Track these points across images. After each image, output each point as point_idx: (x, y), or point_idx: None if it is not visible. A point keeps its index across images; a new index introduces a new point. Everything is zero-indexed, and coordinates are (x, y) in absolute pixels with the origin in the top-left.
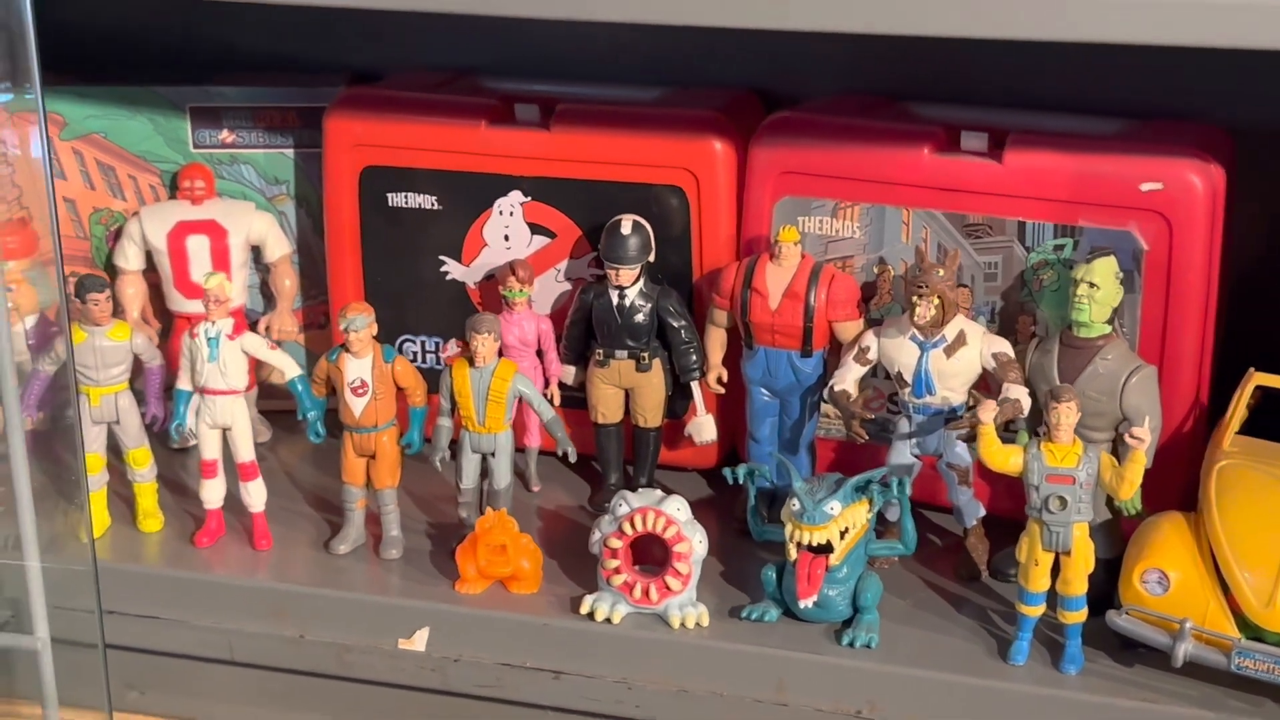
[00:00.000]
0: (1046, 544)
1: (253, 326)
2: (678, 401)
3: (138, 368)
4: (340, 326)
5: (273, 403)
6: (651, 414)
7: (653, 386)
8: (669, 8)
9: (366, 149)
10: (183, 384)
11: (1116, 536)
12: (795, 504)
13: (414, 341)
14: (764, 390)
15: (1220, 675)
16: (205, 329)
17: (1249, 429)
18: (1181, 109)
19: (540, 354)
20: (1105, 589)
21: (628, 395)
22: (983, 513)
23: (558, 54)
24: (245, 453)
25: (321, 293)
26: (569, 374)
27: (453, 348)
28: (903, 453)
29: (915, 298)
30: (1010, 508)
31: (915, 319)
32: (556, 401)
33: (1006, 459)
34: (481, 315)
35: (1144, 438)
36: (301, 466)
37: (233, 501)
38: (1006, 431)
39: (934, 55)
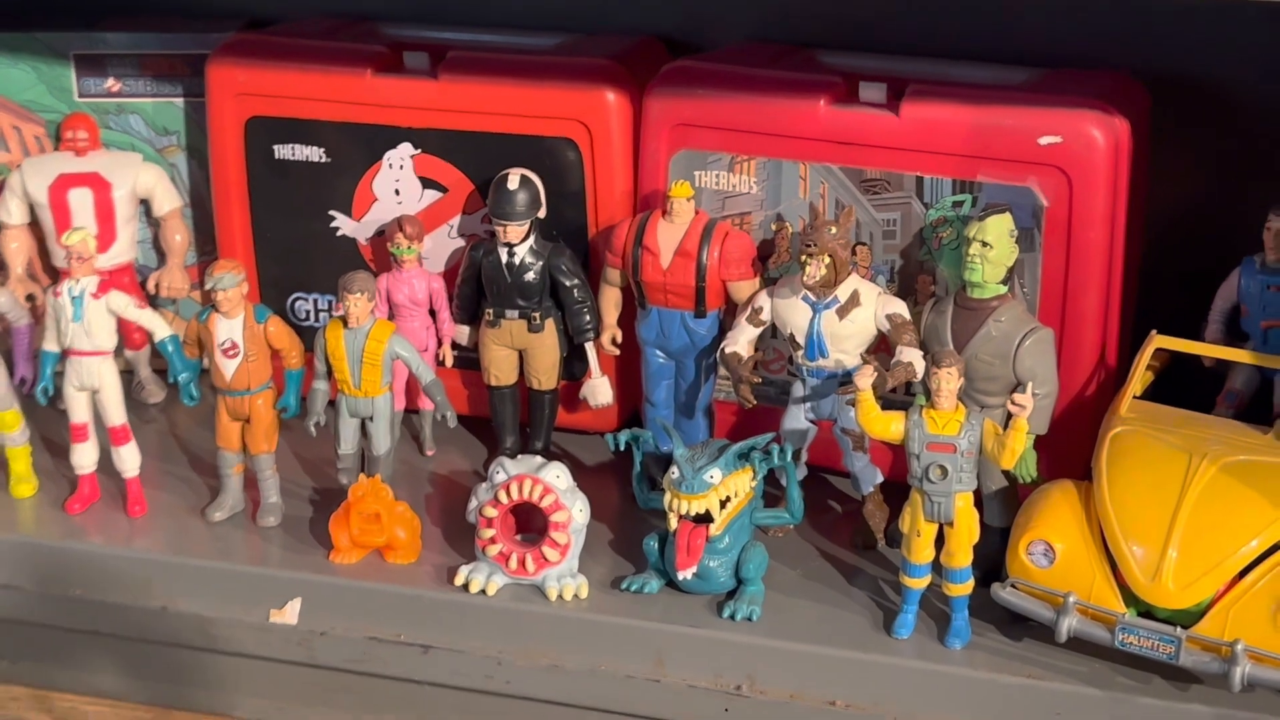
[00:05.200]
0: (928, 514)
1: (143, 283)
2: (575, 363)
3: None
4: (207, 286)
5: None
6: (545, 376)
7: (546, 348)
8: None
9: (251, 98)
10: (48, 345)
11: (1013, 504)
12: (675, 472)
13: (306, 299)
14: (658, 352)
15: (1111, 651)
16: (69, 287)
17: (1162, 394)
18: (1097, 57)
19: (433, 313)
20: (1000, 559)
21: (522, 357)
22: (880, 479)
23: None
24: (115, 416)
25: (216, 248)
26: (462, 334)
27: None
28: (797, 417)
29: (805, 256)
30: None
31: (805, 279)
32: (449, 363)
33: (887, 426)
34: (353, 274)
35: (1025, 404)
36: (194, 428)
37: (110, 465)
38: (906, 395)
39: (845, 1)
